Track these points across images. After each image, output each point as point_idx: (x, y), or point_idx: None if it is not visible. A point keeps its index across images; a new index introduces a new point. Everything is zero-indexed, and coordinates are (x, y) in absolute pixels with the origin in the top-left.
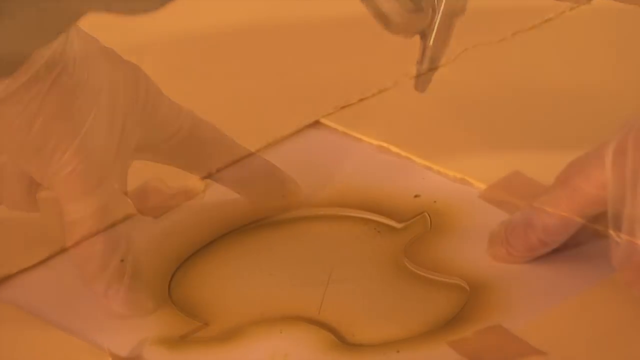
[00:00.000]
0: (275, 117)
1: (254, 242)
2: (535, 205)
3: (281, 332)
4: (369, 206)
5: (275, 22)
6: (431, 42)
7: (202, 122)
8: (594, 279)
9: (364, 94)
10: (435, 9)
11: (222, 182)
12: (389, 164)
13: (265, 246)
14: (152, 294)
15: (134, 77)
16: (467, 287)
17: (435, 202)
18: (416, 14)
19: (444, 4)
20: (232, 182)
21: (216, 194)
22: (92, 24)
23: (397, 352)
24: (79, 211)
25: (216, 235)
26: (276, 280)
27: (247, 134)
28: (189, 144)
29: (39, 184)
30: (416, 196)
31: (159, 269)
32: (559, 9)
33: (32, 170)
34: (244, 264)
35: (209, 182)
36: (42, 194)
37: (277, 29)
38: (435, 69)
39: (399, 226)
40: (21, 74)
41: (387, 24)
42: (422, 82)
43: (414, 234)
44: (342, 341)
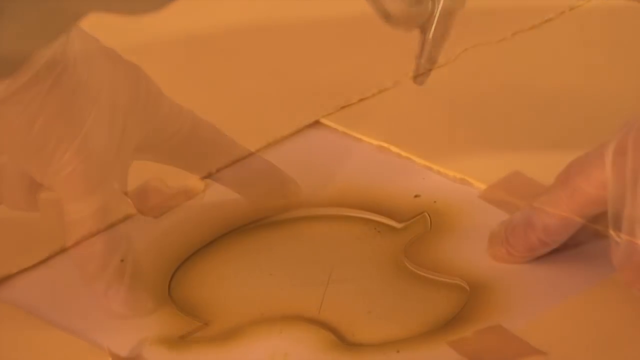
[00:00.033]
0: (275, 117)
1: (254, 242)
2: (535, 205)
3: (281, 332)
4: (369, 206)
5: (275, 22)
6: (431, 35)
7: (202, 122)
8: (594, 279)
9: (364, 94)
10: (435, 3)
11: (222, 182)
12: (389, 164)
13: (265, 246)
14: (152, 294)
15: (135, 77)
16: (467, 287)
17: (435, 202)
18: (416, 8)
19: None
20: (232, 182)
21: (216, 194)
22: (93, 24)
23: (397, 352)
24: (80, 211)
25: (216, 235)
26: (276, 280)
27: (247, 134)
28: (189, 144)
29: (39, 184)
30: (416, 196)
31: (159, 269)
32: (559, 9)
33: (32, 170)
34: (244, 264)
35: (209, 182)
36: (42, 193)
37: (277, 29)
38: (434, 63)
39: (399, 226)
40: (22, 74)
41: (387, 17)
42: (421, 75)
43: (414, 234)
44: (342, 341)
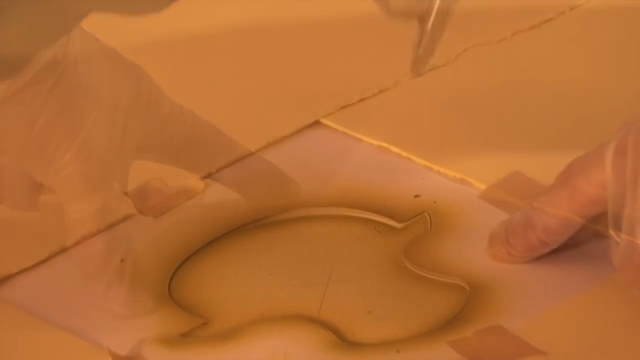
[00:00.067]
0: (275, 117)
1: (254, 242)
2: (535, 205)
3: (281, 331)
4: (369, 206)
5: (275, 22)
6: (429, 26)
7: (203, 122)
8: (594, 279)
9: (364, 94)
10: None
11: (222, 182)
12: (389, 164)
13: (265, 246)
14: (152, 294)
15: (136, 77)
16: (467, 287)
17: (435, 202)
18: None
19: None
20: (232, 182)
21: (216, 194)
22: (94, 24)
23: (397, 352)
24: (80, 211)
25: (216, 235)
26: (276, 280)
27: (247, 134)
28: (189, 144)
29: (40, 184)
30: (416, 196)
31: (159, 269)
32: (559, 9)
33: (33, 170)
34: (244, 264)
35: (209, 182)
36: (42, 193)
37: (277, 29)
38: (432, 53)
39: (399, 226)
40: (23, 74)
41: (386, 6)
42: (418, 66)
43: (414, 234)
44: (342, 341)
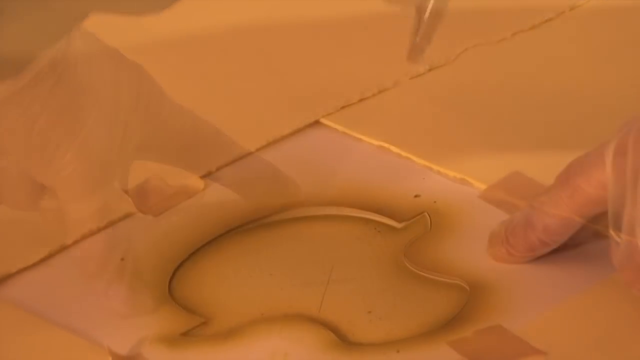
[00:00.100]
0: (275, 117)
1: (254, 242)
2: (535, 205)
3: (281, 331)
4: (369, 206)
5: (275, 22)
6: (427, 14)
7: (203, 122)
8: (594, 279)
9: (364, 94)
10: None
11: (222, 182)
12: (389, 164)
13: (265, 246)
14: (152, 293)
15: (137, 77)
16: (467, 287)
17: (435, 202)
18: None
19: None
20: (232, 181)
21: (216, 193)
22: (96, 24)
23: (397, 352)
24: (80, 210)
25: (216, 234)
26: (276, 280)
27: (247, 134)
28: (189, 144)
29: (40, 184)
30: (416, 196)
31: (159, 268)
32: (559, 9)
33: (33, 169)
34: (244, 264)
35: (209, 181)
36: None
37: (277, 29)
38: (429, 41)
39: (399, 226)
40: (24, 74)
41: None
42: (415, 54)
43: (414, 234)
44: (342, 340)
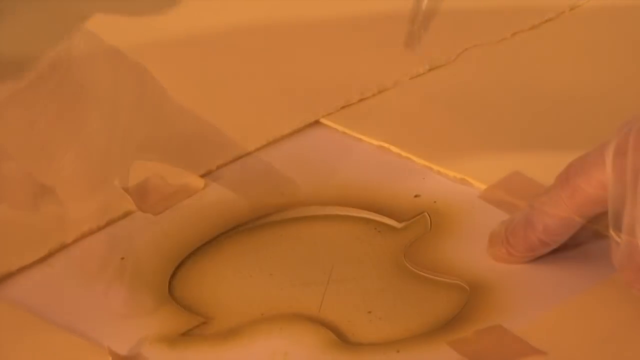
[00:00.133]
0: (275, 117)
1: (254, 242)
2: (535, 205)
3: (281, 331)
4: (369, 206)
5: (275, 22)
6: (425, 2)
7: (203, 121)
8: (594, 279)
9: (364, 94)
10: None
11: (222, 182)
12: (389, 164)
13: (265, 246)
14: (153, 293)
15: (139, 77)
16: (467, 287)
17: (435, 202)
18: None
19: None
20: (232, 181)
21: (216, 193)
22: (97, 24)
23: (397, 352)
24: (80, 210)
25: (216, 234)
26: (276, 280)
27: (247, 134)
28: (190, 143)
29: (41, 184)
30: (416, 196)
31: (160, 268)
32: (559, 9)
33: (34, 169)
34: (244, 264)
35: (209, 181)
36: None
37: (277, 29)
38: (426, 29)
39: (399, 226)
40: (26, 75)
41: None
42: (412, 41)
43: (414, 234)
44: (342, 340)
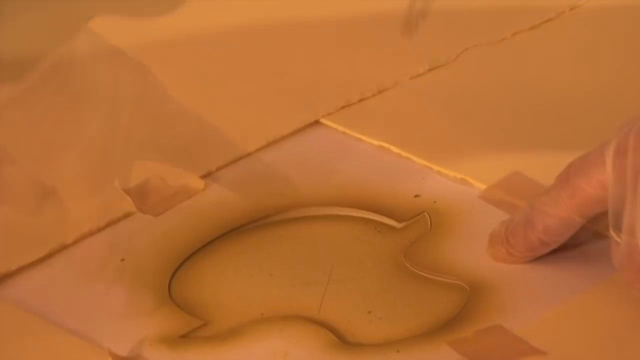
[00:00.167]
0: (275, 117)
1: (254, 242)
2: (535, 205)
3: (281, 331)
4: (369, 206)
5: (275, 22)
6: None
7: (203, 122)
8: (594, 279)
9: (364, 94)
10: None
11: (222, 182)
12: (389, 164)
13: (265, 246)
14: (153, 294)
15: (141, 78)
16: (467, 287)
17: (435, 202)
18: None
19: None
20: (232, 182)
21: (216, 193)
22: (99, 25)
23: (397, 352)
24: (81, 210)
25: (216, 234)
26: (276, 280)
27: (247, 134)
28: (190, 144)
29: (43, 185)
30: (416, 196)
31: (160, 269)
32: (559, 9)
33: (35, 170)
34: (244, 264)
35: (209, 181)
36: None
37: (277, 29)
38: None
39: (399, 226)
40: (28, 76)
41: None
42: (410, 28)
43: (414, 234)
44: (342, 341)
